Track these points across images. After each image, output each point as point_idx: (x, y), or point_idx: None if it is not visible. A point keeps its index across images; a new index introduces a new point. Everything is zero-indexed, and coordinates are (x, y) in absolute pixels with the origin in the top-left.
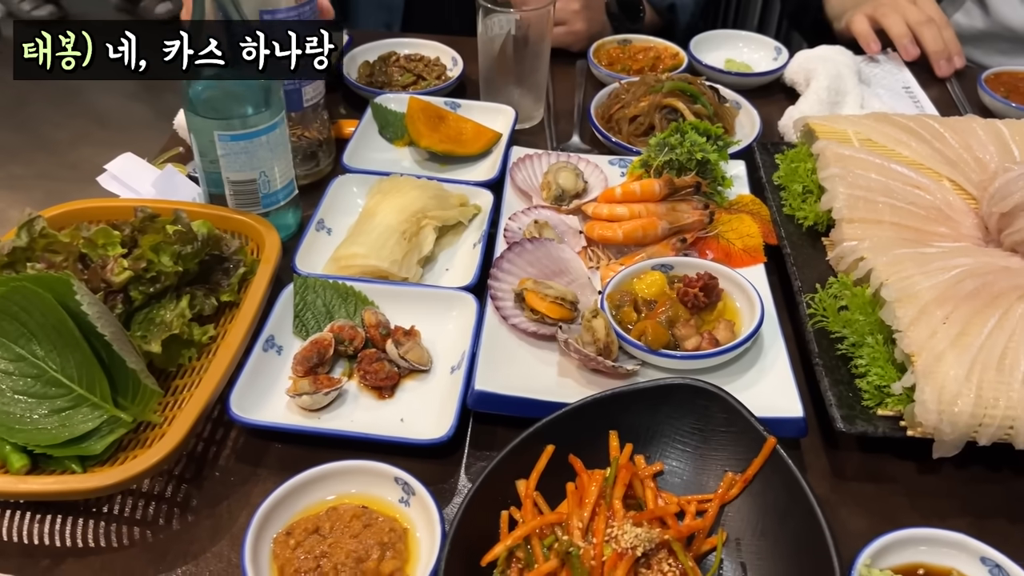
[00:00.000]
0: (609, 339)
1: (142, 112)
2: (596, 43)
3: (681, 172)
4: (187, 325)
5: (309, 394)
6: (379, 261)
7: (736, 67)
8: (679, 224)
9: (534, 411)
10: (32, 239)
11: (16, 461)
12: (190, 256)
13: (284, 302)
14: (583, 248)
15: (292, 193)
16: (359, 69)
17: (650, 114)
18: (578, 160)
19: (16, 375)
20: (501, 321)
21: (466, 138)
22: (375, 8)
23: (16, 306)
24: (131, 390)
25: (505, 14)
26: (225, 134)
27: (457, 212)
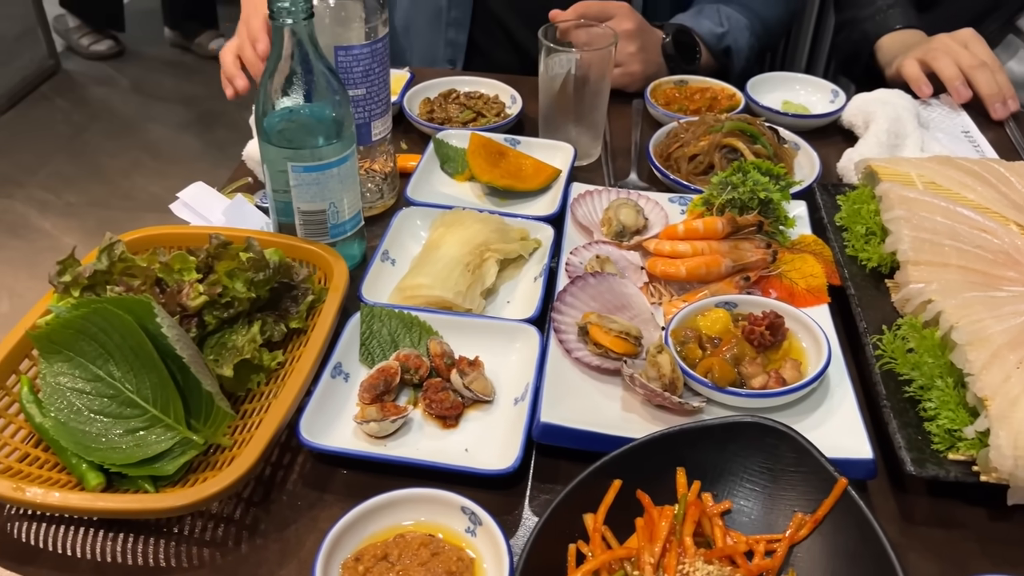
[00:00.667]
0: (675, 375)
1: (193, 144)
2: (653, 83)
3: (743, 211)
4: (257, 350)
5: (376, 421)
6: (444, 292)
7: (793, 109)
8: (742, 262)
9: (599, 445)
10: (112, 263)
11: (92, 479)
12: (262, 283)
13: (351, 330)
14: (645, 284)
15: (359, 224)
16: (420, 106)
17: (710, 153)
18: (638, 197)
19: (93, 395)
20: (564, 354)
21: (525, 174)
22: (440, 46)
23: (96, 327)
24: (204, 413)
25: (566, 53)
26: (298, 165)
27: (518, 246)
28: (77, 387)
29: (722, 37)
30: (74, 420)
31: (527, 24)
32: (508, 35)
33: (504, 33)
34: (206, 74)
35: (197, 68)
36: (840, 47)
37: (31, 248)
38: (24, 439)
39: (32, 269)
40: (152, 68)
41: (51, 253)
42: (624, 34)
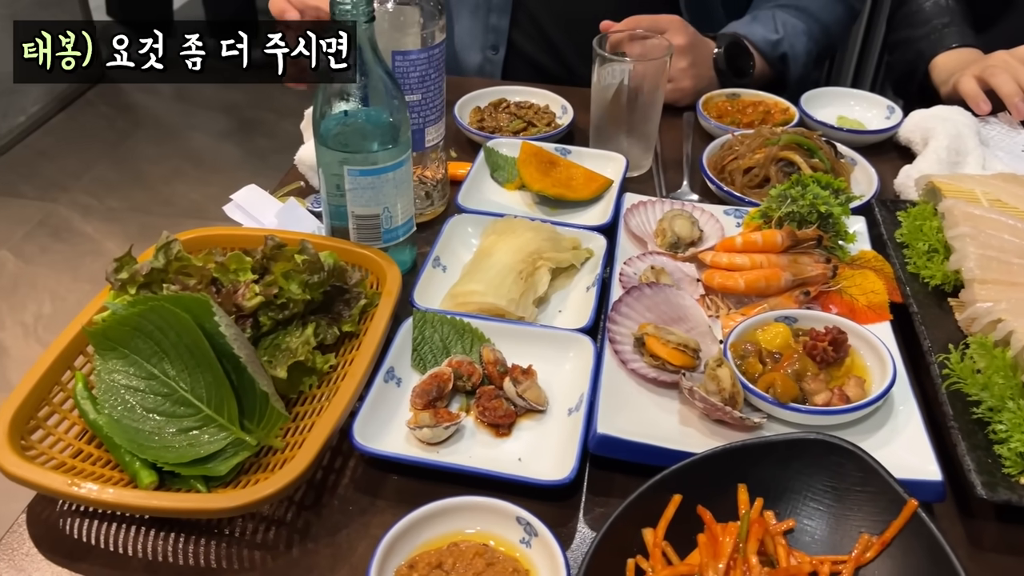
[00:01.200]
0: (735, 389)
1: (233, 153)
2: (705, 96)
3: (801, 225)
4: (311, 353)
5: (430, 427)
6: (497, 299)
7: (848, 124)
8: (802, 277)
9: (656, 458)
10: (168, 261)
11: (145, 477)
12: (316, 285)
13: (403, 335)
14: (701, 296)
15: (411, 230)
16: (470, 114)
17: (766, 166)
18: (692, 208)
19: (147, 393)
20: (620, 365)
21: (576, 183)
22: (480, 32)
23: (152, 325)
24: (257, 414)
25: (620, 63)
26: (354, 169)
27: (570, 255)
28: (131, 385)
29: (777, 44)
30: (128, 418)
31: (563, 28)
32: (544, 35)
33: (539, 33)
34: (247, 84)
35: (239, 77)
36: (893, 66)
37: (73, 252)
38: (78, 435)
39: (74, 272)
40: None
41: (93, 257)
42: (676, 49)
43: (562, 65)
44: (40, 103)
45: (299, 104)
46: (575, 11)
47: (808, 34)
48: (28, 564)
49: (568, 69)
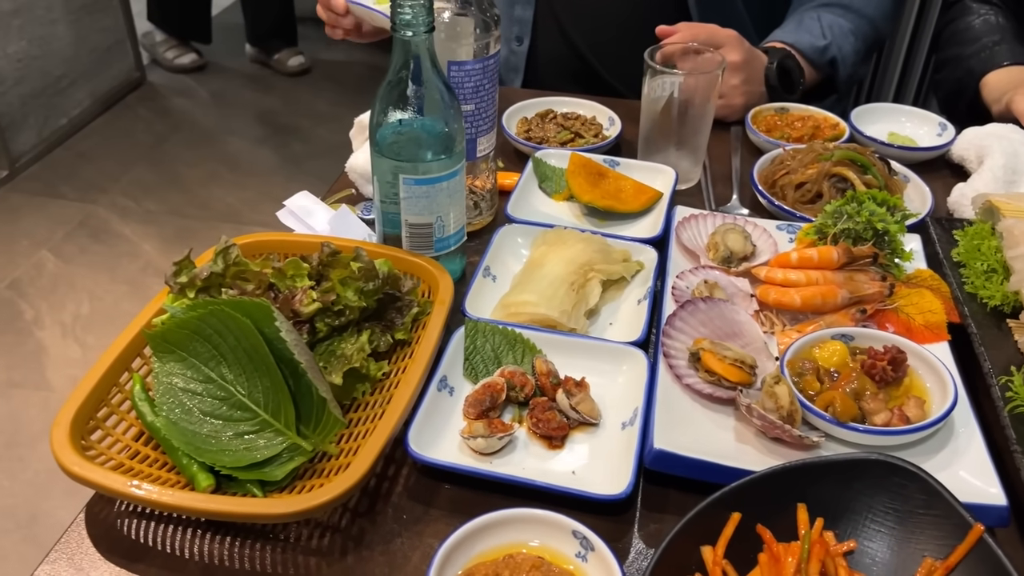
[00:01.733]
0: (793, 407)
1: (269, 158)
2: (754, 110)
3: (856, 242)
4: (365, 360)
5: (484, 437)
6: (549, 310)
7: (899, 141)
8: (858, 294)
9: (713, 475)
10: (227, 266)
11: (203, 480)
12: (371, 292)
13: (455, 344)
14: (755, 312)
15: (461, 239)
16: (517, 125)
17: (818, 181)
18: (744, 223)
19: (204, 396)
20: (675, 380)
21: (626, 195)
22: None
23: (211, 329)
24: (314, 419)
25: (671, 76)
26: (409, 178)
27: (621, 267)
28: (189, 388)
29: (825, 50)
30: (185, 420)
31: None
32: (562, 28)
33: (558, 26)
34: (284, 90)
35: (276, 84)
36: (941, 84)
37: (111, 252)
38: (135, 436)
39: (111, 273)
40: (232, 82)
41: (129, 258)
42: (730, 65)
43: (581, 60)
44: (81, 106)
45: (332, 110)
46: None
47: (855, 33)
48: (87, 564)
49: (586, 65)
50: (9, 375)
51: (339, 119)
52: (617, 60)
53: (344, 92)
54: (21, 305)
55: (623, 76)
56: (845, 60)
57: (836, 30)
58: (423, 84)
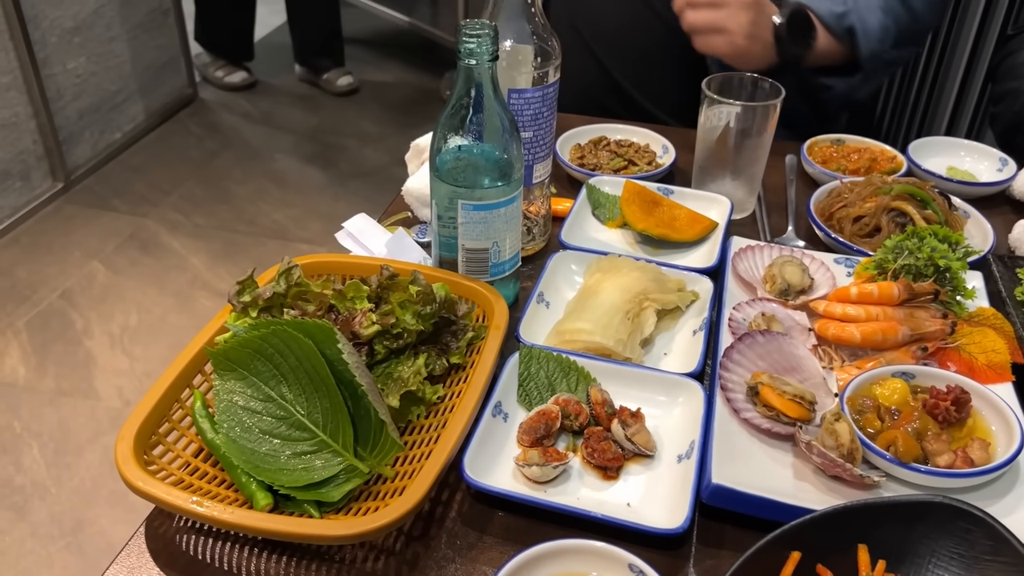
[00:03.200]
0: (854, 445)
1: (316, 176)
2: (809, 141)
3: (916, 278)
4: (422, 383)
5: (539, 465)
6: (604, 339)
7: (959, 175)
8: (919, 332)
9: (772, 512)
10: (289, 286)
11: (261, 499)
12: (428, 316)
13: (510, 370)
14: (813, 346)
15: (516, 265)
16: (570, 151)
17: (877, 215)
18: (802, 255)
19: (264, 415)
20: (732, 414)
21: (680, 224)
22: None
23: (272, 348)
24: (371, 441)
25: (728, 105)
26: (468, 203)
27: (676, 297)
28: (249, 406)
29: (843, 16)
30: (244, 438)
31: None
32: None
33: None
34: (331, 110)
35: (324, 103)
36: (999, 118)
37: (160, 266)
38: (194, 453)
39: (160, 286)
40: (281, 101)
41: (178, 271)
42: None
43: (612, 84)
44: (134, 122)
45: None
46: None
47: (884, 9)
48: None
49: (617, 88)
50: (59, 383)
51: (385, 139)
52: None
53: (391, 113)
54: (72, 315)
55: (653, 96)
56: (868, 34)
57: (861, 1)
58: (484, 111)
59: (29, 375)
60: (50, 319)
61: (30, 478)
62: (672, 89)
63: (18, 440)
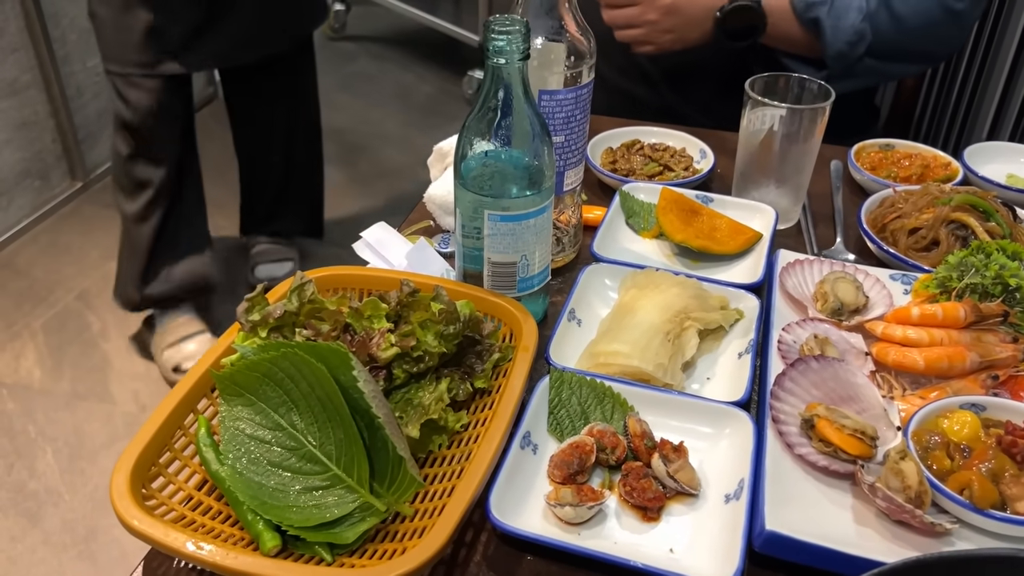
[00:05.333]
0: (922, 488)
1: (337, 176)
2: (857, 146)
3: (983, 298)
4: (444, 410)
5: (572, 505)
6: (643, 363)
7: (1019, 183)
8: (989, 358)
9: (833, 564)
10: (301, 304)
11: (269, 540)
12: (451, 337)
13: (540, 396)
14: (871, 372)
15: (545, 279)
16: (602, 155)
17: (935, 228)
18: (855, 271)
19: (273, 444)
20: (785, 449)
21: (721, 235)
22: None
23: (282, 372)
24: (388, 477)
25: (773, 107)
26: (495, 214)
27: (719, 315)
28: (257, 435)
29: (813, 6)
30: (251, 471)
31: None
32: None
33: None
34: (351, 109)
35: (343, 104)
36: None
37: None
38: (197, 485)
39: None
40: None
41: None
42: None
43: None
44: None
45: (400, 131)
46: None
47: (865, 14)
48: None
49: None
50: (74, 387)
51: (408, 140)
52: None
53: (412, 113)
54: (89, 317)
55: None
56: (836, 32)
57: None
58: (514, 114)
59: (44, 378)
60: (67, 321)
61: (44, 484)
62: (707, 88)
63: (33, 444)
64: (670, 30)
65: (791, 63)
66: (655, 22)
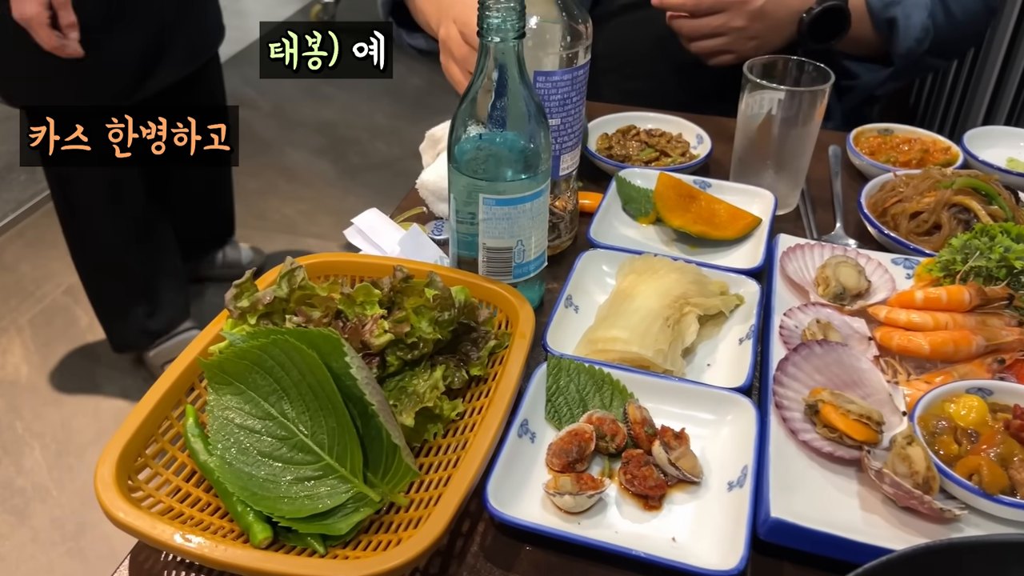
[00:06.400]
0: (930, 473)
1: (327, 170)
2: (856, 131)
3: (988, 281)
4: (439, 399)
5: (572, 494)
6: (642, 349)
7: (1020, 167)
8: (995, 342)
9: (839, 551)
10: (291, 290)
11: (259, 532)
12: (446, 323)
13: (537, 383)
14: (875, 357)
15: (542, 265)
16: (597, 141)
17: (936, 211)
18: (856, 255)
19: (263, 434)
20: (789, 435)
21: (719, 220)
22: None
23: (272, 360)
24: (383, 466)
25: (773, 90)
26: (490, 198)
27: (719, 301)
28: (246, 424)
29: (889, 6)
30: (241, 461)
31: None
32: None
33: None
34: (342, 102)
35: (333, 96)
36: None
37: None
38: (186, 476)
39: None
40: (291, 94)
41: None
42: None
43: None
44: None
45: (390, 123)
46: None
47: (930, 11)
48: None
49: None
50: (62, 382)
51: (397, 132)
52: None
53: (402, 105)
54: (76, 311)
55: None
56: (908, 31)
57: None
58: (509, 95)
59: (32, 373)
60: (54, 316)
61: (31, 480)
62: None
63: (20, 441)
64: (755, 36)
65: (851, 66)
66: (742, 28)
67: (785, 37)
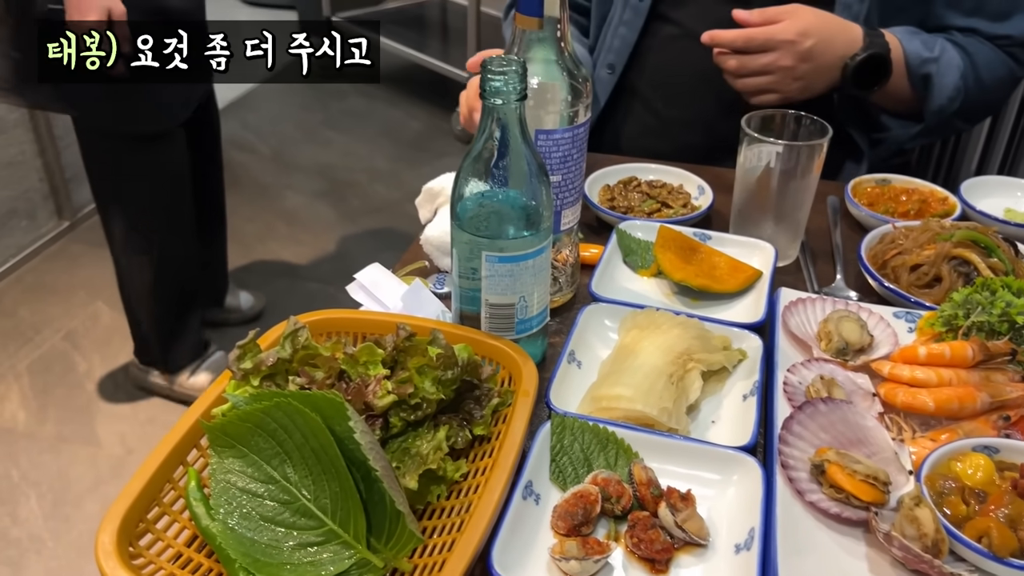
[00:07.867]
0: (939, 536)
1: (327, 214)
2: (853, 181)
3: (990, 336)
4: (443, 460)
5: (577, 559)
6: (647, 407)
7: (1017, 218)
8: (1000, 398)
9: None
10: (295, 350)
11: None
12: (449, 382)
13: (541, 443)
14: (879, 414)
15: (544, 320)
16: (599, 192)
17: (936, 264)
18: (858, 309)
19: (266, 498)
20: (795, 496)
21: (720, 273)
22: None
23: (275, 423)
24: (386, 532)
25: (770, 144)
26: (493, 255)
27: (722, 356)
28: (249, 488)
29: (926, 62)
30: (243, 526)
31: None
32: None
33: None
34: (340, 145)
35: (332, 139)
36: None
37: None
38: (187, 541)
39: None
40: (290, 138)
41: None
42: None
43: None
44: None
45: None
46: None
47: (962, 73)
48: None
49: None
50: (59, 429)
51: (397, 175)
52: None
53: (401, 149)
54: (75, 357)
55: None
56: (941, 90)
57: (948, 56)
58: (511, 154)
59: (29, 420)
60: (52, 362)
61: (27, 531)
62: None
63: (15, 489)
64: (801, 77)
65: (885, 119)
66: (790, 68)
67: (828, 81)
